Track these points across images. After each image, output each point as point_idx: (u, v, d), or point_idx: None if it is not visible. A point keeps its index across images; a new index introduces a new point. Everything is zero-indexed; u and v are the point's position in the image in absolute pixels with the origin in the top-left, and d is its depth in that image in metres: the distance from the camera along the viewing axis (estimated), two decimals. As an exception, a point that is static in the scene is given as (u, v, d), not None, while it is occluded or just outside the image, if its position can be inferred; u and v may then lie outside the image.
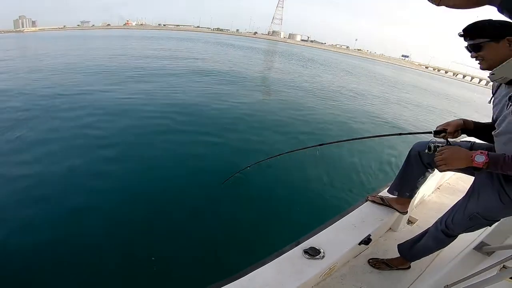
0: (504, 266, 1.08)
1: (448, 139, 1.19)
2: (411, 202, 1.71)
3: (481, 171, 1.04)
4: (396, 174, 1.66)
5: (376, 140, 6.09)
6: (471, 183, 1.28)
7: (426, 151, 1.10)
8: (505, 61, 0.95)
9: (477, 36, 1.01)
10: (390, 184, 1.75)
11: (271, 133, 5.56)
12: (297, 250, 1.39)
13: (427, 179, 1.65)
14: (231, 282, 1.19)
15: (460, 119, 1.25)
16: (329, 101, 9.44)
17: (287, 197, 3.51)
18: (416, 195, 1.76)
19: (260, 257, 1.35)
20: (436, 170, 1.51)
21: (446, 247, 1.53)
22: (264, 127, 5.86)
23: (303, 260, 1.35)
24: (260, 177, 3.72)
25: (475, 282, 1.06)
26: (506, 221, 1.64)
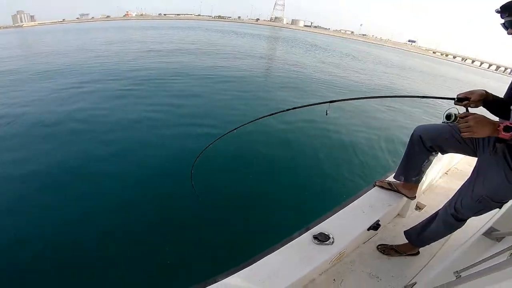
0: None
1: (468, 108, 1.13)
2: (418, 187, 1.69)
3: (506, 142, 1.00)
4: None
5: (386, 120, 6.16)
6: None
7: (444, 120, 1.06)
8: None
9: None
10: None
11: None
12: (307, 236, 1.40)
13: (434, 164, 1.62)
14: (241, 270, 1.21)
15: (483, 90, 1.18)
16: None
17: (294, 181, 3.53)
18: (423, 180, 1.74)
19: (269, 244, 1.36)
20: (440, 154, 1.49)
21: (455, 233, 1.52)
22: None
23: (313, 246, 1.35)
24: (264, 159, 3.78)
25: (484, 267, 1.06)
26: None
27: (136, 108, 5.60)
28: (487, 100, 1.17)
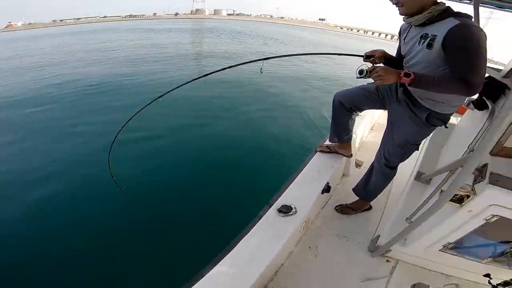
0: (442, 191, 1.23)
1: (375, 64, 1.39)
2: (352, 145, 1.95)
3: (405, 86, 1.26)
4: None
5: (311, 92, 6.90)
6: None
7: (358, 75, 1.25)
8: (421, 7, 1.15)
9: None
10: None
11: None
12: (272, 211, 1.48)
13: (359, 123, 1.89)
14: (221, 259, 1.24)
15: (383, 49, 1.44)
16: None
17: (245, 163, 3.72)
18: (355, 139, 1.99)
19: (240, 228, 1.41)
20: (363, 113, 1.76)
21: (395, 183, 1.74)
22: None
23: (279, 219, 1.44)
24: (211, 145, 3.87)
25: (425, 210, 1.25)
26: (429, 149, 1.96)
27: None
28: (386, 57, 1.43)
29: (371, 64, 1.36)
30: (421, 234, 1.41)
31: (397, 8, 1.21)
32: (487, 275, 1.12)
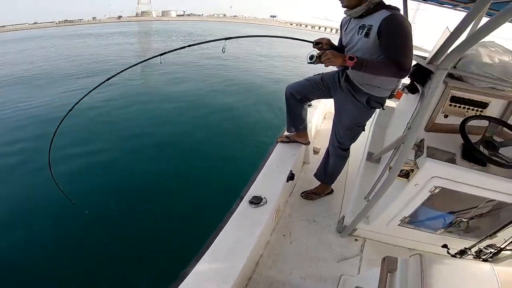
0: (390, 168, 1.33)
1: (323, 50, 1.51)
2: (308, 133, 2.06)
3: (348, 69, 1.41)
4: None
5: (268, 90, 6.93)
6: None
7: (308, 60, 1.35)
8: (359, 0, 1.30)
9: None
10: None
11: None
12: (244, 204, 1.51)
13: (313, 113, 2.00)
14: (202, 256, 1.23)
15: (328, 37, 1.62)
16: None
17: (211, 159, 3.77)
18: (311, 128, 2.10)
19: (216, 222, 1.43)
20: (315, 104, 1.86)
21: (351, 166, 1.88)
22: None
23: (252, 210, 1.48)
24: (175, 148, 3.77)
25: (378, 187, 1.36)
26: (375, 130, 2.13)
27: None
28: (331, 46, 1.59)
29: (317, 51, 1.49)
30: (380, 211, 1.53)
31: (340, 1, 1.38)
32: (445, 246, 1.23)
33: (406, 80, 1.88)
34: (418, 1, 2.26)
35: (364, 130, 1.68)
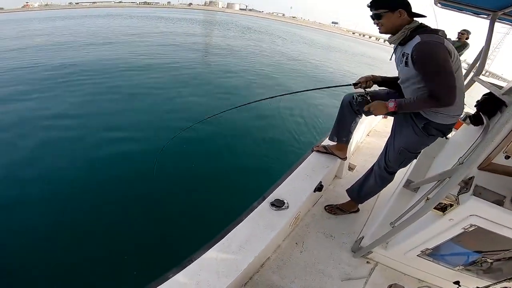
0: (427, 198, 1.28)
1: (365, 89, 1.54)
2: (348, 148, 2.00)
3: (396, 113, 1.39)
4: (333, 123, 1.91)
5: (310, 95, 6.80)
6: None
7: (354, 102, 1.44)
8: (397, 27, 1.27)
9: (379, 7, 1.28)
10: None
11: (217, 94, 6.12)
12: (265, 204, 1.53)
13: (357, 128, 1.95)
14: (213, 245, 1.27)
15: (370, 74, 1.60)
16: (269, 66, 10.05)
17: (245, 162, 3.80)
18: (351, 142, 2.03)
19: (234, 217, 1.46)
20: (364, 116, 1.83)
21: (383, 190, 1.77)
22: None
23: (272, 212, 1.48)
24: (218, 150, 3.95)
25: (409, 215, 1.30)
26: (421, 159, 1.99)
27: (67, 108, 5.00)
28: (376, 80, 1.57)
29: (362, 90, 1.56)
30: (402, 239, 1.45)
31: (378, 28, 1.33)
32: (457, 282, 1.18)
33: (470, 109, 1.70)
34: (509, 25, 1.99)
35: (416, 158, 1.57)
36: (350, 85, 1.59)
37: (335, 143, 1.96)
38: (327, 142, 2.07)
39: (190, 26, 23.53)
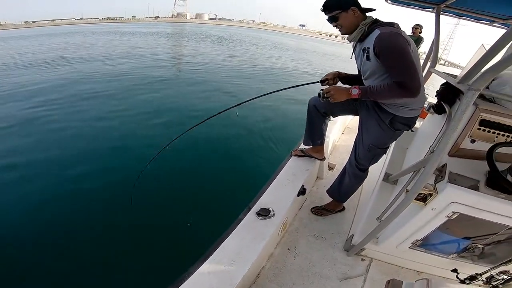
0: (407, 190, 1.30)
1: (332, 85, 1.52)
2: (324, 148, 2.02)
3: (358, 100, 1.40)
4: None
5: (282, 96, 6.84)
6: None
7: (320, 99, 1.39)
8: (354, 25, 1.30)
9: (332, 10, 1.30)
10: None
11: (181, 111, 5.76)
12: (251, 215, 1.50)
13: (332, 128, 1.98)
14: (204, 261, 1.23)
15: (336, 71, 1.62)
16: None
17: (222, 168, 3.75)
18: (328, 142, 2.07)
19: (221, 231, 1.42)
20: (335, 118, 1.87)
21: (366, 185, 1.83)
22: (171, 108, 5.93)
23: (259, 222, 1.47)
24: (185, 156, 3.85)
25: (393, 209, 1.32)
26: (395, 151, 2.07)
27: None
28: (341, 77, 1.59)
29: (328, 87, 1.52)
30: (392, 233, 1.48)
31: (338, 30, 1.35)
32: (455, 270, 1.19)
33: (433, 99, 1.80)
34: (453, 17, 2.16)
35: (385, 153, 1.61)
36: (318, 82, 1.59)
37: (311, 146, 1.98)
38: (303, 145, 2.08)
39: (156, 40, 23.01)
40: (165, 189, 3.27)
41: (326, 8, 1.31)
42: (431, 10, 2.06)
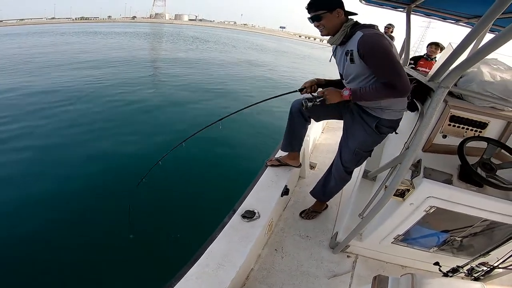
0: (385, 187, 1.33)
1: (312, 93, 1.52)
2: (306, 148, 2.00)
3: (341, 104, 1.39)
4: (283, 133, 1.82)
5: (259, 106, 6.86)
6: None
7: (304, 108, 1.40)
8: (337, 26, 1.28)
9: (318, 9, 1.26)
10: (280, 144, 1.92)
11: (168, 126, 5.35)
12: (236, 217, 1.49)
13: (311, 126, 1.92)
14: (190, 266, 1.20)
15: (314, 78, 1.59)
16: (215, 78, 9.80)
17: (207, 175, 3.71)
18: (309, 142, 2.06)
19: (206, 235, 1.39)
20: (313, 120, 1.82)
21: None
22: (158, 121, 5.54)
23: (244, 225, 1.45)
24: (173, 169, 3.69)
25: (374, 205, 1.35)
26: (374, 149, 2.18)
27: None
28: (320, 83, 1.56)
29: (309, 95, 1.49)
30: (374, 229, 1.51)
31: (320, 30, 1.33)
32: (437, 263, 1.22)
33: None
34: (422, 16, 2.28)
35: (370, 156, 1.61)
36: (296, 91, 1.58)
37: (287, 153, 1.92)
38: (279, 154, 2.02)
39: (132, 41, 22.15)
40: (161, 197, 3.19)
41: (312, 6, 1.28)
42: (402, 10, 2.15)
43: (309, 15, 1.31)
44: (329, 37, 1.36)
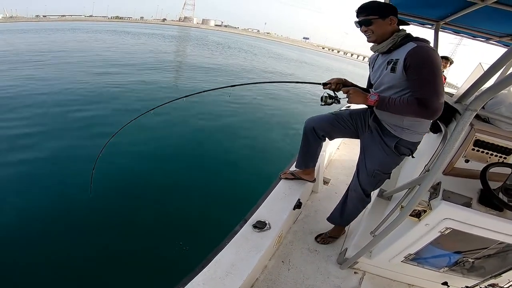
0: (402, 206, 1.30)
1: (334, 91, 1.44)
2: (320, 164, 1.95)
3: (373, 107, 1.33)
4: (298, 149, 1.79)
5: (276, 116, 6.81)
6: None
7: (322, 103, 1.37)
8: (386, 34, 1.24)
9: (370, 14, 1.22)
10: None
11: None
12: (247, 227, 1.51)
13: (327, 142, 1.89)
14: (198, 272, 1.22)
15: (342, 77, 1.50)
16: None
17: (219, 179, 3.75)
18: (324, 156, 2.01)
19: (216, 243, 1.41)
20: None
21: None
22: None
23: (255, 234, 1.47)
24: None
25: (387, 224, 1.33)
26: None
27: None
28: (347, 85, 1.45)
29: (331, 92, 1.43)
30: (385, 247, 1.48)
31: (367, 36, 1.29)
32: (445, 283, 1.21)
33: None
34: (451, 33, 2.21)
35: (389, 178, 1.51)
36: (320, 84, 1.50)
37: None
38: (293, 167, 2.00)
39: (159, 43, 23.15)
40: (161, 199, 3.24)
41: (364, 10, 1.23)
42: (430, 26, 2.10)
43: (357, 19, 1.27)
44: (372, 44, 1.31)
